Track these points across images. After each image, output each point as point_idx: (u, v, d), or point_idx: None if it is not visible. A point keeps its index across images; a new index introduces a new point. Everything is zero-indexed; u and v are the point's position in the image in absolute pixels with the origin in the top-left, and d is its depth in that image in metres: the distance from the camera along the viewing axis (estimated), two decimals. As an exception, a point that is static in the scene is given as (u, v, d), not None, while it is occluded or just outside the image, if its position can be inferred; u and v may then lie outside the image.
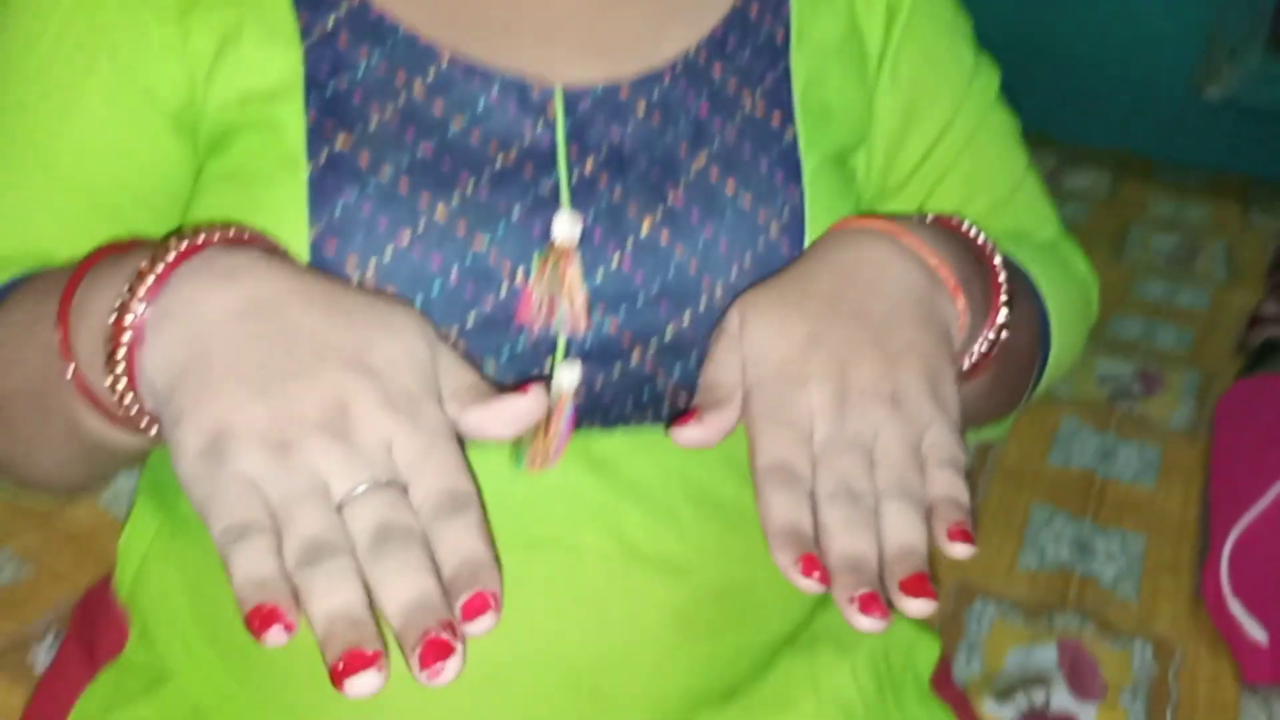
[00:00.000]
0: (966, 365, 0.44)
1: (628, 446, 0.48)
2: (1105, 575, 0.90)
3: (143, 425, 0.37)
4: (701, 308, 0.44)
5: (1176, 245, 1.61)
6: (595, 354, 0.44)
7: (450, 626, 0.31)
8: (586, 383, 0.45)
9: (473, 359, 0.43)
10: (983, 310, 0.43)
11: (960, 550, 0.35)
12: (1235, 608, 0.84)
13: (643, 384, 0.46)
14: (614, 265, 0.43)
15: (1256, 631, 0.82)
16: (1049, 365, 0.53)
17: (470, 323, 0.42)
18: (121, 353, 0.35)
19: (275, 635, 0.32)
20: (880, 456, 0.37)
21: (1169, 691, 0.79)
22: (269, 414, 0.34)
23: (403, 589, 0.32)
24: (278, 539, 0.33)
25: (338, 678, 0.31)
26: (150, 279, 0.35)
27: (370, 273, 0.41)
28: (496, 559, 0.34)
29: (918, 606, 0.33)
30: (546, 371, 0.44)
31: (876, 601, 0.33)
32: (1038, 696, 0.76)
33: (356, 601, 0.32)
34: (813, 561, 0.34)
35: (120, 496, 0.82)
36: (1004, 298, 0.44)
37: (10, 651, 0.71)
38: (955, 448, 0.37)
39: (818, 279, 0.41)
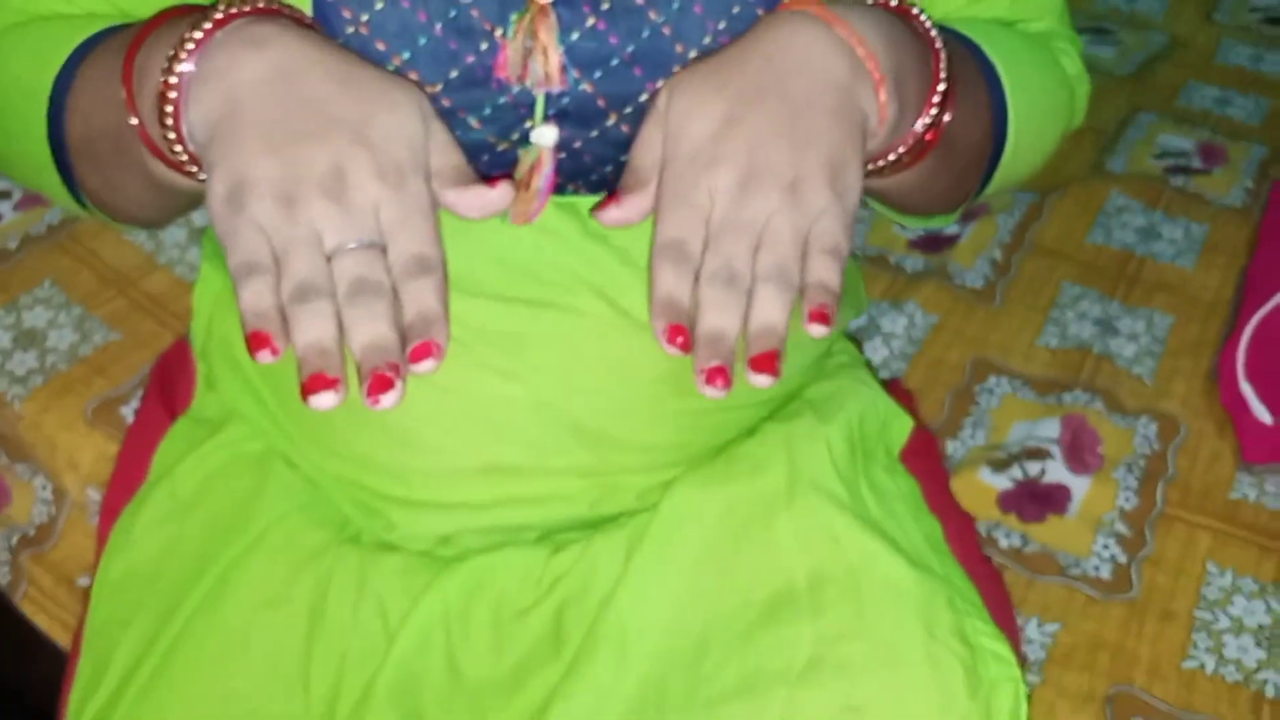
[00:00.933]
0: (896, 154, 0.46)
1: None
2: (1124, 354, 0.92)
3: (195, 170, 0.44)
4: (675, 72, 0.47)
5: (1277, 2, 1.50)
6: (573, 115, 0.48)
7: (395, 367, 0.39)
8: (566, 144, 0.49)
9: (456, 115, 0.47)
10: (917, 103, 0.45)
11: (817, 330, 0.40)
12: (1246, 388, 0.86)
13: (622, 147, 0.49)
14: (588, 24, 0.46)
15: (1263, 413, 0.84)
16: (1004, 159, 0.54)
17: (453, 76, 0.46)
18: (169, 108, 0.42)
19: (264, 356, 0.39)
20: (766, 239, 0.41)
21: (1166, 466, 0.83)
22: (279, 170, 0.40)
23: (365, 332, 0.39)
24: (277, 278, 0.40)
25: (304, 393, 0.38)
26: (190, 44, 0.41)
27: (364, 21, 0.45)
28: (446, 316, 0.41)
29: (761, 380, 0.39)
30: (526, 130, 0.48)
31: (722, 373, 0.39)
32: (1033, 468, 0.81)
33: (329, 337, 0.39)
34: (678, 330, 0.40)
35: (196, 267, 0.90)
36: (941, 88, 0.45)
37: (105, 409, 0.81)
38: (839, 236, 0.41)
39: (746, 63, 0.44)
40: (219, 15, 0.42)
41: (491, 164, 0.48)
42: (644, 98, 0.47)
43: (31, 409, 0.80)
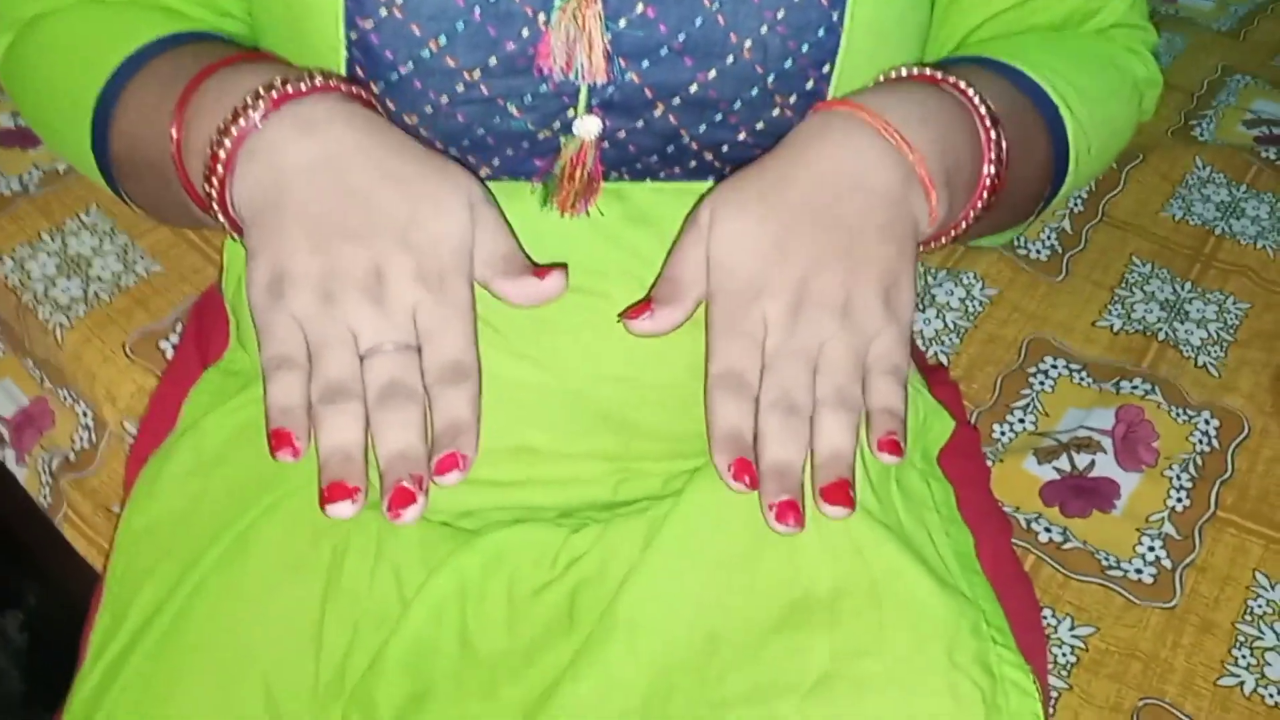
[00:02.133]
0: (948, 237, 0.46)
1: (660, 200, 0.50)
2: (1191, 341, 0.88)
3: (236, 232, 0.44)
4: (728, 63, 0.45)
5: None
6: (618, 105, 0.46)
7: (419, 480, 0.39)
8: (611, 134, 0.47)
9: (495, 103, 0.46)
10: (968, 190, 0.44)
11: (889, 459, 0.39)
12: (1318, 387, 0.82)
13: (669, 138, 0.47)
14: (638, 11, 0.44)
15: (1334, 415, 0.80)
16: (1063, 190, 0.51)
17: (492, 64, 0.45)
18: (215, 180, 0.42)
19: (284, 455, 0.40)
20: (823, 365, 0.40)
21: (1224, 467, 0.79)
22: (320, 267, 0.41)
23: (392, 440, 0.40)
24: (308, 374, 0.40)
25: (322, 500, 0.39)
26: (243, 122, 0.42)
27: (399, 4, 0.43)
28: (477, 425, 0.41)
29: (835, 512, 0.39)
30: (569, 119, 0.46)
31: (793, 509, 0.39)
32: (1082, 460, 0.78)
33: (353, 442, 0.40)
34: (745, 466, 0.39)
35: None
36: (991, 171, 0.44)
37: (144, 343, 0.81)
38: (897, 356, 0.41)
39: (794, 180, 0.43)
40: (275, 93, 0.42)
41: (532, 152, 0.47)
42: (694, 88, 0.45)
43: (73, 340, 0.81)
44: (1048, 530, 0.74)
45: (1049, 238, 0.97)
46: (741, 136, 0.47)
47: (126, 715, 0.55)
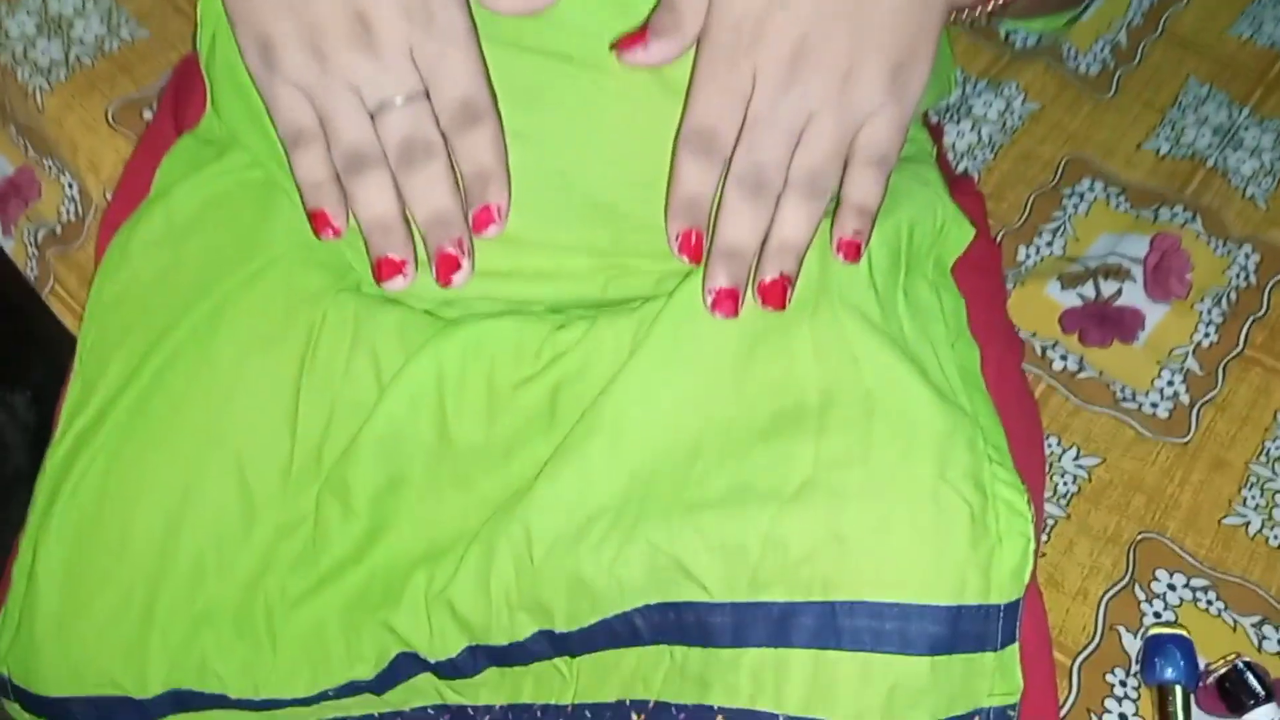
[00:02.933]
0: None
1: None
2: (1240, 170, 0.82)
3: None
4: None
5: None
6: None
7: (460, 243, 0.40)
8: None
9: None
10: None
11: (843, 260, 0.37)
12: (1372, 226, 0.77)
13: None
14: None
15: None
16: None
17: None
18: None
19: (327, 235, 0.41)
20: (806, 139, 0.37)
21: (1259, 304, 0.75)
22: (301, 26, 0.38)
23: (425, 205, 0.40)
24: (327, 143, 0.40)
25: (377, 278, 0.41)
26: None
27: None
28: (505, 167, 0.41)
29: (768, 309, 0.39)
30: None
31: (731, 298, 0.39)
32: (1109, 288, 0.74)
33: (389, 212, 0.40)
34: (689, 239, 0.39)
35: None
36: None
37: (127, 111, 0.77)
38: (888, 145, 0.38)
39: None
40: None
41: None
42: None
43: (54, 105, 0.77)
44: (1063, 358, 0.71)
45: (1101, 50, 0.90)
46: None
47: (93, 487, 0.54)
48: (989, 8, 0.41)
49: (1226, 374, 0.71)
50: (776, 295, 0.37)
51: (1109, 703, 0.56)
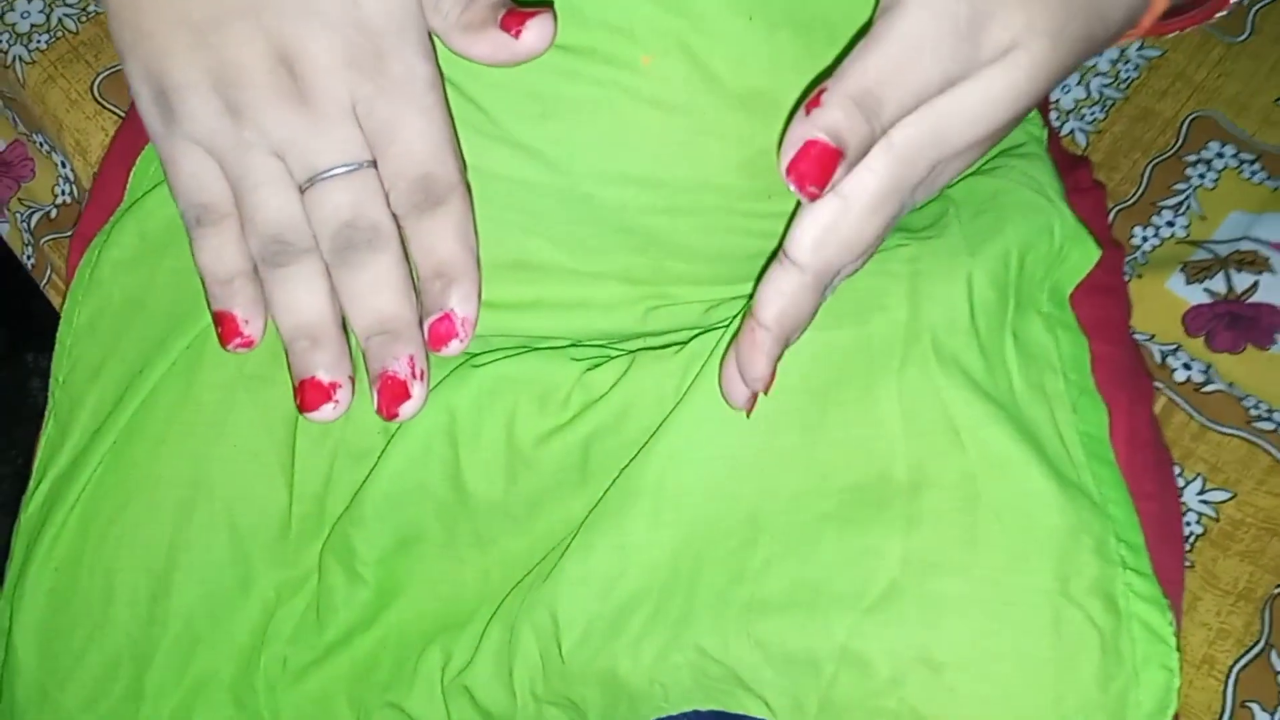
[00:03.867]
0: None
1: None
2: (1403, 130, 0.70)
3: None
4: None
5: None
6: None
7: (412, 362, 0.31)
8: None
9: None
10: None
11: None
12: None
13: None
14: None
15: None
16: None
17: None
18: None
19: (236, 347, 0.33)
20: None
21: None
22: (207, 68, 0.30)
23: (367, 309, 0.31)
24: (239, 222, 0.32)
25: (300, 405, 0.32)
26: None
27: None
28: (473, 258, 0.32)
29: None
30: None
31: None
32: (1242, 281, 0.63)
33: (317, 316, 0.31)
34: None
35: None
36: None
37: (115, 84, 0.69)
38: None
39: None
40: None
41: None
42: None
43: (35, 77, 0.69)
44: (1186, 367, 0.61)
45: (1235, -16, 0.77)
46: None
47: (69, 544, 0.48)
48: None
49: (1385, 387, 0.60)
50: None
51: (1240, 798, 0.48)
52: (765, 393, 0.35)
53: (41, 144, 0.73)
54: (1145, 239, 0.66)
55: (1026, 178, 0.45)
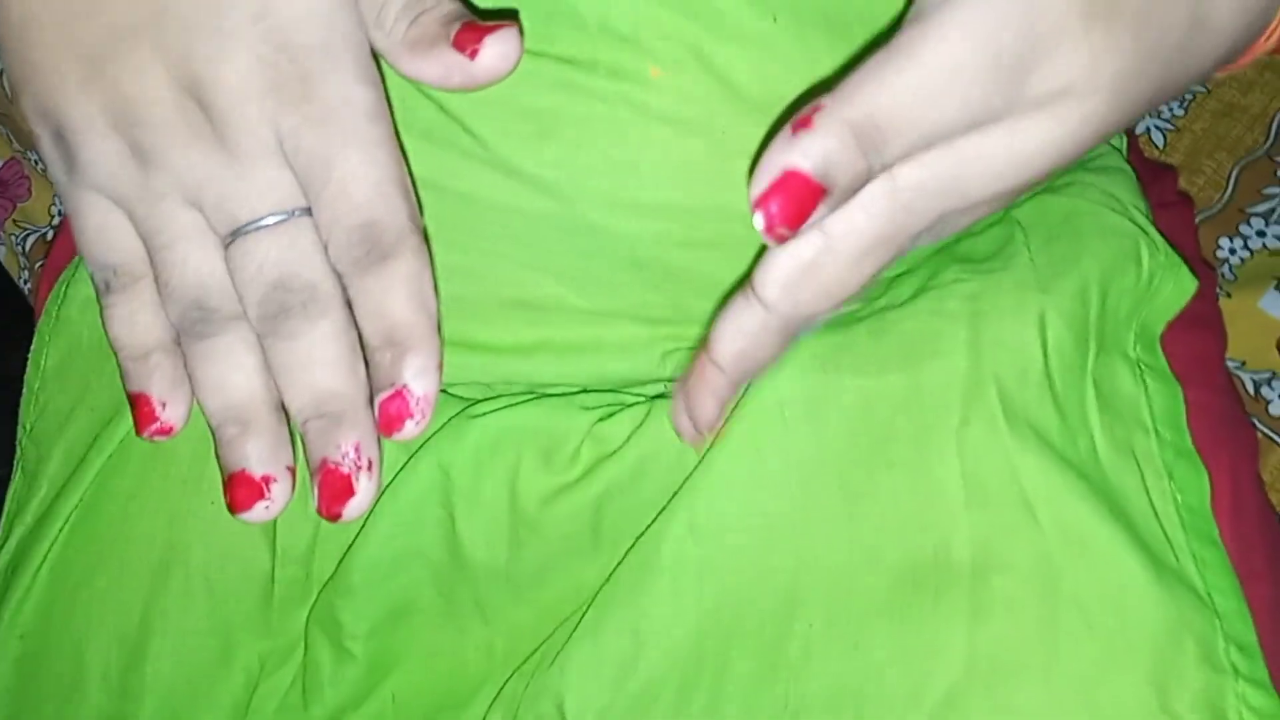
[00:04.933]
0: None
1: None
2: None
3: None
4: None
5: None
6: None
7: (358, 451, 0.27)
8: None
9: None
10: None
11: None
12: None
13: None
14: None
15: None
16: None
17: None
18: None
19: (152, 433, 0.29)
20: None
21: None
22: (103, 103, 0.26)
23: (302, 385, 0.26)
24: (155, 288, 0.27)
25: (229, 503, 0.28)
26: None
27: None
28: (430, 321, 0.28)
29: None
30: None
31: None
32: (1348, 297, 0.56)
33: (246, 395, 0.27)
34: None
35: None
36: None
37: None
38: None
39: None
40: None
41: None
42: None
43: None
44: (1285, 397, 0.54)
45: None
46: None
47: (36, 611, 0.44)
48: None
49: None
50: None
51: None
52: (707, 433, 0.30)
53: (36, 162, 0.69)
54: (1233, 252, 0.59)
55: (1107, 196, 0.38)
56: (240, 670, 0.43)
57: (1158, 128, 0.64)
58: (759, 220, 0.23)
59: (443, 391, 0.43)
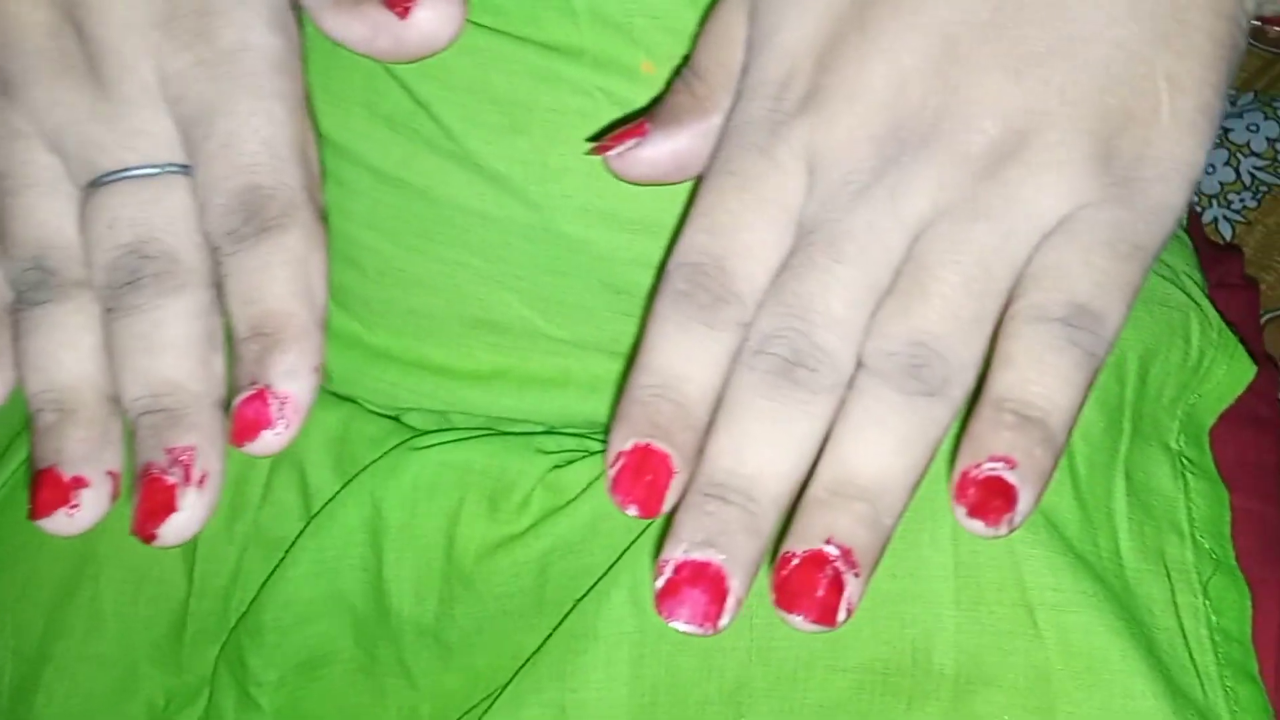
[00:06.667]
0: None
1: None
2: None
3: None
4: None
5: None
6: None
7: (185, 462, 0.22)
8: None
9: None
10: None
11: (976, 528, 0.19)
12: None
13: None
14: None
15: None
16: None
17: None
18: None
19: None
20: (922, 273, 0.20)
21: None
22: None
23: (139, 372, 0.22)
24: None
25: (32, 509, 0.23)
26: None
27: None
28: (313, 314, 0.23)
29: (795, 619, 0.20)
30: None
31: (710, 590, 0.20)
32: None
33: (73, 378, 0.23)
34: (636, 466, 0.20)
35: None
36: None
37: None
38: (1108, 282, 0.20)
39: None
40: None
41: None
42: None
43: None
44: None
45: None
46: None
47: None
48: None
49: None
50: (814, 598, 0.20)
51: None
52: None
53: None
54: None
55: (1157, 262, 0.33)
56: (142, 705, 0.39)
57: (1227, 218, 0.59)
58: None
59: (390, 418, 0.39)
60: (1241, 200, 0.59)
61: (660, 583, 0.20)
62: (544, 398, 0.36)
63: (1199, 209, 0.59)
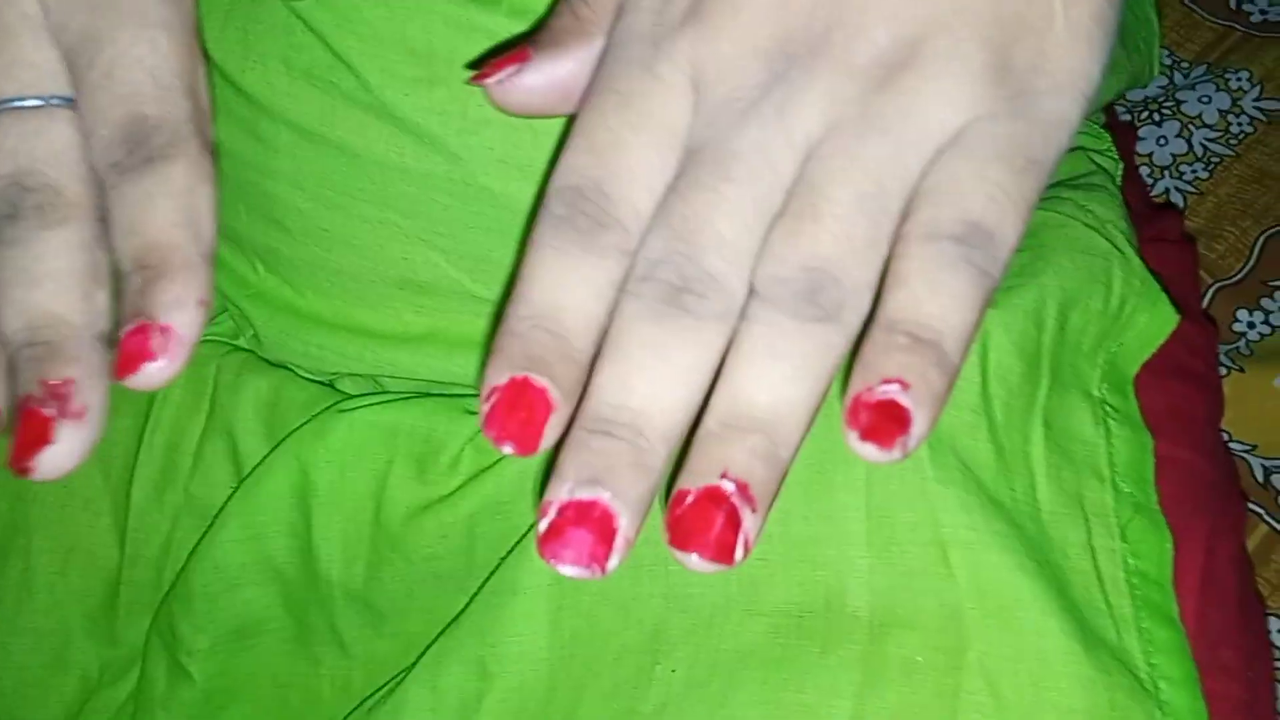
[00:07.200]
0: None
1: None
2: None
3: None
4: None
5: None
6: None
7: (64, 395, 0.21)
8: None
9: None
10: None
11: (867, 453, 0.19)
12: None
13: None
14: None
15: None
16: None
17: None
18: None
19: None
20: (806, 193, 0.19)
21: None
22: None
23: (18, 304, 0.22)
24: None
25: None
26: None
27: None
28: (199, 251, 0.22)
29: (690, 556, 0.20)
30: None
31: (594, 532, 0.19)
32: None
33: None
34: (511, 399, 0.20)
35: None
36: None
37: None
38: (995, 203, 0.19)
39: None
40: None
41: None
42: None
43: None
44: (1301, 487, 0.47)
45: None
46: None
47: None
48: None
49: None
50: (710, 535, 0.19)
51: None
52: None
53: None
54: (1252, 325, 0.53)
55: (1081, 210, 0.33)
56: (76, 677, 0.38)
57: (1179, 189, 0.59)
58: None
59: (321, 383, 0.38)
60: (1194, 171, 0.59)
61: (544, 525, 0.19)
62: (472, 359, 0.35)
63: (1150, 180, 0.59)
